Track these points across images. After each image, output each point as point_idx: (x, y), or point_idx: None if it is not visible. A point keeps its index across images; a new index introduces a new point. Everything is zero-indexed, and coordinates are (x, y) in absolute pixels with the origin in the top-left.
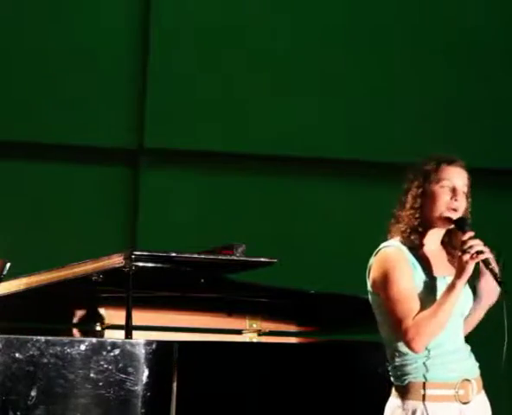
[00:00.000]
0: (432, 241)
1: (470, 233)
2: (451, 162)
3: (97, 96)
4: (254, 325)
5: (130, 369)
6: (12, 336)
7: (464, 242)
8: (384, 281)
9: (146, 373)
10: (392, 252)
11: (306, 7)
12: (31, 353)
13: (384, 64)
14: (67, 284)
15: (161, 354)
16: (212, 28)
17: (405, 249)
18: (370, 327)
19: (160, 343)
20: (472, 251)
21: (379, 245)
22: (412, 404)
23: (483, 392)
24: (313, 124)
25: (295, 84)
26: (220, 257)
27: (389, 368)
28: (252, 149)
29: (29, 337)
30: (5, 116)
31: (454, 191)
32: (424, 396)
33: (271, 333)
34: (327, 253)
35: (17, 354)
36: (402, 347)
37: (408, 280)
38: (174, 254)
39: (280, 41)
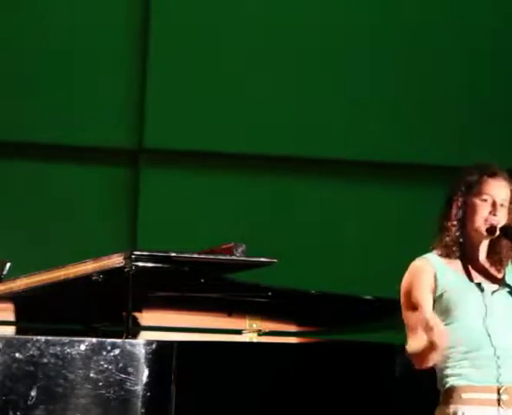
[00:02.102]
0: (476, 252)
1: None
2: (493, 175)
3: (97, 96)
4: (254, 325)
5: (130, 369)
6: (12, 336)
7: None
8: (401, 291)
9: (146, 373)
10: (415, 266)
11: (305, 8)
12: (31, 353)
13: (385, 64)
14: (67, 284)
15: (161, 354)
16: (212, 27)
17: (435, 261)
18: (370, 327)
19: (160, 343)
20: None
21: (379, 245)
22: (452, 408)
23: None
24: (313, 124)
25: (295, 84)
26: (220, 257)
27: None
28: (253, 149)
29: (29, 337)
30: (5, 116)
31: (494, 205)
32: (463, 400)
33: (271, 333)
34: (327, 253)
35: (17, 354)
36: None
37: (422, 294)
38: (174, 254)
39: (280, 41)
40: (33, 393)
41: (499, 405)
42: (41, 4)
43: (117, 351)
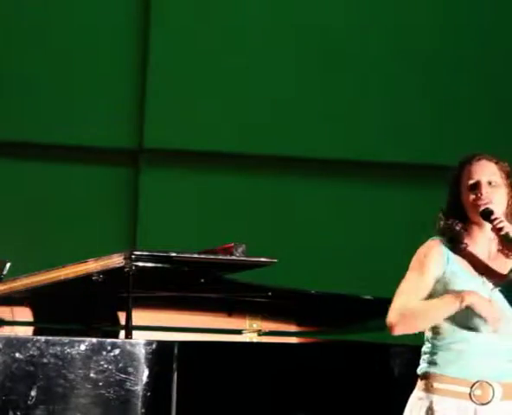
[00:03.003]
0: (483, 244)
1: (497, 215)
2: (470, 161)
3: (97, 96)
4: (254, 325)
5: (130, 369)
6: (12, 336)
7: (495, 225)
8: (415, 256)
9: (146, 373)
10: (426, 244)
11: (305, 7)
12: (31, 353)
13: (385, 64)
14: (67, 284)
15: (161, 354)
16: (212, 27)
17: (445, 242)
18: (370, 327)
19: (160, 343)
20: (497, 224)
21: (379, 244)
22: (423, 395)
23: None
24: (313, 124)
25: (295, 84)
26: (220, 257)
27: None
28: (253, 149)
29: (29, 337)
30: (5, 116)
31: (478, 186)
32: (434, 389)
33: (271, 333)
34: (327, 253)
35: (17, 354)
36: (431, 337)
37: (427, 272)
38: (174, 254)
39: (280, 41)
40: (33, 393)
41: (471, 399)
42: (42, 4)
43: (117, 351)
